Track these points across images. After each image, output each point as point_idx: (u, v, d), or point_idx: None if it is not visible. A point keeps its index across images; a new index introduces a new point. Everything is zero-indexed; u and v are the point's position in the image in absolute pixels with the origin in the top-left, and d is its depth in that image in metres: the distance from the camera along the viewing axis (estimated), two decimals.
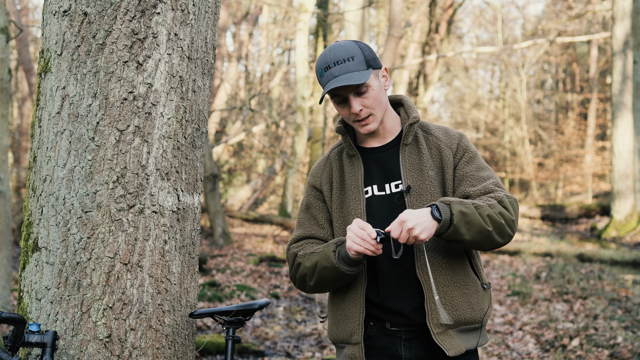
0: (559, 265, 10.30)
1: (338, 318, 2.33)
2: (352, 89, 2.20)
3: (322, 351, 6.08)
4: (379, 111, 2.25)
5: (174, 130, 2.28)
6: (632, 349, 5.49)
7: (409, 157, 2.30)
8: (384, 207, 2.28)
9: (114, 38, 2.20)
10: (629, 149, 14.84)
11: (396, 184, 2.29)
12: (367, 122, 2.24)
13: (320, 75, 2.24)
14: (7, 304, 5.55)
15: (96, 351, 2.16)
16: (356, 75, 2.17)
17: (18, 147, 18.03)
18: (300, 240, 2.36)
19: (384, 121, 2.32)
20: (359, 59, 2.20)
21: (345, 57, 2.19)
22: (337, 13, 15.86)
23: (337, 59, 2.20)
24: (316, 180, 2.40)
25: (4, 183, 5.64)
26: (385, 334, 2.30)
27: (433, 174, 2.27)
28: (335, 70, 2.18)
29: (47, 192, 2.22)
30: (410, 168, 2.28)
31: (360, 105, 2.21)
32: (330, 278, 2.23)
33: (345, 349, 2.32)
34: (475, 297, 2.27)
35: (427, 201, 2.24)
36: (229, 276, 9.93)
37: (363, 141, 2.38)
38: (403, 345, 2.28)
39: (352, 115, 2.24)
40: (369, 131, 2.26)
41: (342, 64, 2.19)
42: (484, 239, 2.14)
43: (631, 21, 14.22)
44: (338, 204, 2.33)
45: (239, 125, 19.98)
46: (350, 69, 2.18)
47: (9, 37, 5.66)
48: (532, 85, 31.42)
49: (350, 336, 2.29)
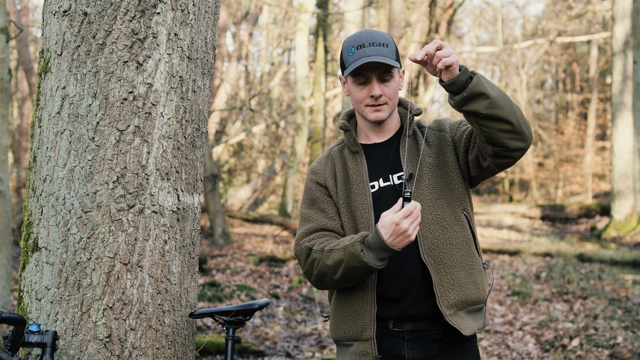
0: (559, 265, 10.30)
1: (345, 316, 2.33)
2: (379, 72, 2.22)
3: (322, 351, 6.08)
4: (392, 104, 2.29)
5: (174, 130, 2.28)
6: (632, 349, 5.49)
7: (409, 148, 2.33)
8: (391, 199, 2.30)
9: (114, 38, 2.20)
10: (629, 149, 14.84)
11: (399, 175, 2.32)
12: (380, 109, 2.27)
13: (350, 51, 2.24)
14: (7, 304, 5.55)
15: (96, 351, 2.16)
16: (389, 60, 2.20)
17: (18, 147, 18.03)
18: (311, 233, 2.33)
19: (391, 117, 2.35)
20: (392, 48, 2.24)
21: (382, 42, 2.22)
22: (337, 13, 15.85)
23: (373, 41, 2.22)
24: (319, 177, 2.40)
25: (4, 183, 5.64)
26: (388, 334, 2.30)
27: (430, 160, 2.32)
28: (369, 50, 2.20)
29: (47, 192, 2.22)
30: (411, 158, 2.32)
31: (380, 90, 2.23)
32: (359, 277, 2.23)
33: (353, 346, 2.32)
34: (479, 276, 2.31)
35: (425, 187, 2.29)
36: (229, 276, 9.93)
37: (365, 138, 2.40)
38: (406, 346, 2.28)
39: (368, 99, 2.26)
40: (378, 119, 2.28)
41: (377, 47, 2.21)
42: (507, 104, 2.09)
43: (631, 21, 14.22)
44: (344, 199, 2.34)
45: (239, 125, 19.98)
46: (384, 53, 2.20)
47: (9, 37, 5.66)
48: (532, 85, 31.41)
49: (361, 332, 2.28)
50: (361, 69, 2.22)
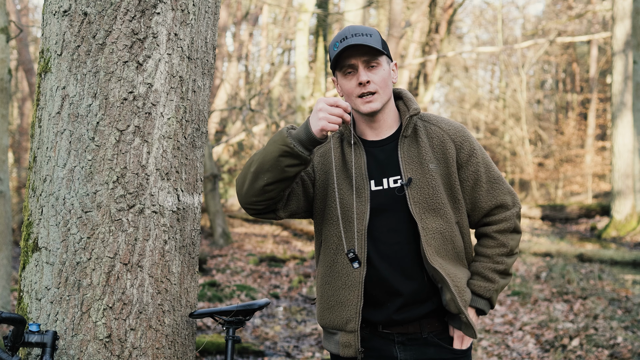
0: (559, 265, 10.30)
1: (331, 304, 2.30)
2: (365, 59, 2.20)
3: (322, 351, 6.07)
4: (383, 93, 2.24)
5: (174, 130, 2.28)
6: (632, 349, 5.49)
7: (407, 150, 2.28)
8: (382, 202, 2.26)
9: (114, 38, 2.20)
10: (629, 149, 14.83)
11: (395, 179, 2.27)
12: (371, 99, 2.22)
13: (335, 46, 2.23)
14: (7, 304, 5.55)
15: (96, 351, 2.16)
16: (373, 44, 2.19)
17: (18, 147, 18.03)
18: None
19: (385, 111, 2.29)
20: (376, 38, 2.22)
21: (365, 32, 2.21)
22: (337, 13, 15.84)
23: (355, 32, 2.21)
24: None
25: (4, 183, 5.64)
26: (378, 336, 2.30)
27: (433, 167, 2.26)
28: (352, 40, 2.19)
29: (47, 192, 2.22)
30: (410, 161, 2.26)
31: (367, 76, 2.20)
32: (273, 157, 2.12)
33: (337, 335, 2.30)
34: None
35: (429, 195, 2.24)
36: (229, 276, 9.93)
37: (362, 134, 2.34)
38: (398, 348, 2.28)
39: (357, 88, 2.22)
40: (371, 110, 2.23)
41: (360, 36, 2.20)
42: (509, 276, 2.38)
43: (631, 21, 14.21)
44: (342, 188, 2.29)
45: (239, 125, 19.97)
46: (368, 41, 2.19)
47: (9, 37, 5.66)
48: (532, 85, 31.41)
49: (345, 324, 2.27)
50: (346, 57, 2.20)
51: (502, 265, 2.31)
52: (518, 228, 2.35)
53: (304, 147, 2.12)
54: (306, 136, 2.11)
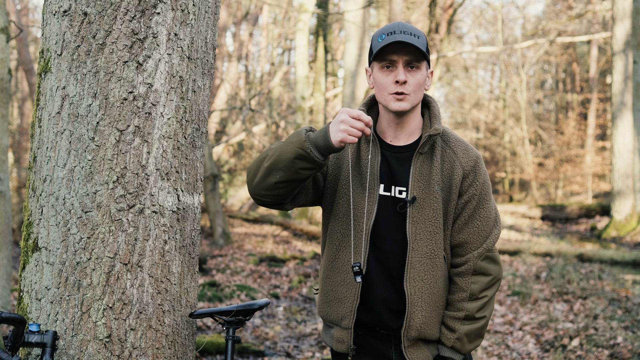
0: (559, 265, 10.30)
1: (330, 299, 2.32)
2: (407, 59, 2.19)
3: (322, 351, 6.08)
4: (415, 97, 2.22)
5: (174, 130, 2.28)
6: (632, 349, 5.49)
7: (420, 166, 2.25)
8: (388, 208, 2.26)
9: (114, 38, 2.20)
10: (629, 149, 14.84)
11: (400, 189, 2.26)
12: (404, 98, 2.20)
13: (380, 38, 2.20)
14: (7, 304, 5.55)
15: (96, 351, 2.16)
16: (419, 45, 2.17)
17: (18, 147, 18.03)
18: None
19: (411, 115, 2.28)
20: (423, 41, 2.21)
21: (414, 32, 2.19)
22: (337, 13, 15.85)
23: (405, 30, 2.19)
24: None
25: (4, 183, 5.64)
26: (375, 335, 2.31)
27: (438, 189, 2.24)
28: (400, 36, 2.17)
29: (47, 192, 2.22)
30: (420, 178, 2.24)
31: (405, 76, 2.19)
32: (288, 158, 2.12)
33: (333, 329, 2.34)
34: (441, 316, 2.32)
35: (428, 217, 2.22)
36: (229, 276, 9.93)
37: (381, 133, 2.33)
38: (394, 349, 2.28)
39: (392, 86, 2.20)
40: (400, 109, 2.21)
41: (409, 35, 2.18)
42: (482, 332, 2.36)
43: (631, 21, 14.22)
44: (354, 185, 2.28)
45: (239, 125, 19.97)
46: (415, 42, 2.17)
47: (9, 37, 5.66)
48: (532, 85, 31.42)
49: (340, 320, 2.29)
50: (389, 51, 2.18)
51: (462, 312, 2.25)
52: (483, 269, 2.26)
53: (320, 153, 2.11)
54: (324, 143, 2.10)
